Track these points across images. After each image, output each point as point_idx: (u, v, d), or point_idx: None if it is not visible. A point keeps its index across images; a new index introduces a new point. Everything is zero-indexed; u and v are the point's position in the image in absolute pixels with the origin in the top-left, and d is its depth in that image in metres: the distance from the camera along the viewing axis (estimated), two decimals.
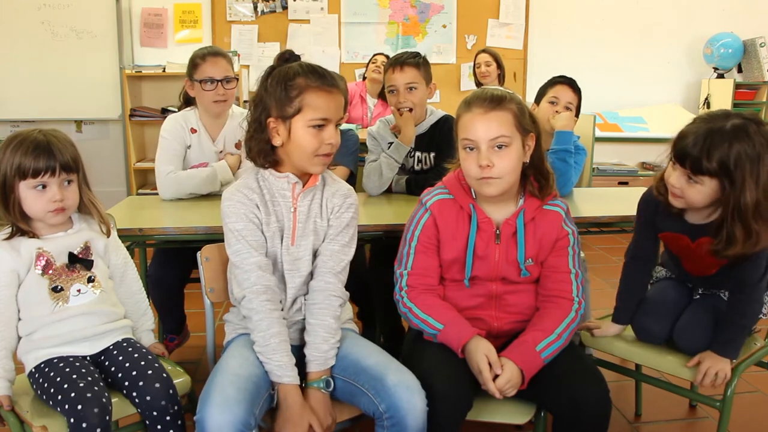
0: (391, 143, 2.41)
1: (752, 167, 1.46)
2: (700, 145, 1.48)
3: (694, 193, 1.54)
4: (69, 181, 1.50)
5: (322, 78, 1.49)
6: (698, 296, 1.81)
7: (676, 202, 1.60)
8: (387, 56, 4.21)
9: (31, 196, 1.46)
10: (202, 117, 2.44)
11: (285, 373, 1.43)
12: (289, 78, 1.49)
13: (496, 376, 1.47)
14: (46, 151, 1.44)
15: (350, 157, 2.58)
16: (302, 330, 1.57)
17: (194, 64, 2.37)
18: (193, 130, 2.42)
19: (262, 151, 1.54)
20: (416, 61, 2.38)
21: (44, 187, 1.46)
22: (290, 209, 1.56)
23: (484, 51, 4.38)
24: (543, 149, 1.63)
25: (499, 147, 1.51)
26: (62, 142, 1.48)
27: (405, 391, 1.39)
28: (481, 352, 1.48)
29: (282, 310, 1.54)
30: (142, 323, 1.70)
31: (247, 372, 1.42)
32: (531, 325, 1.58)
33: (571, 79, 2.49)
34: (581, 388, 1.46)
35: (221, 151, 2.45)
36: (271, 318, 1.48)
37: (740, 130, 1.47)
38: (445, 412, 1.41)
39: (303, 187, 1.57)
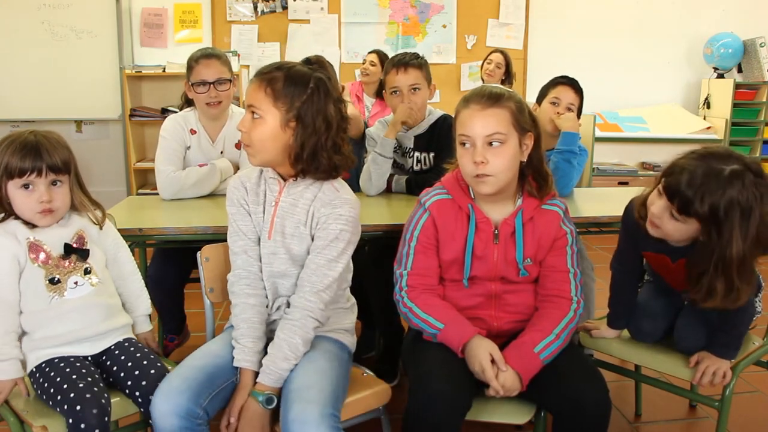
0: None
1: (742, 219, 1.38)
2: (696, 188, 1.40)
3: (673, 230, 1.50)
4: (58, 182, 1.49)
5: None
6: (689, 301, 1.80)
7: (652, 231, 1.55)
8: (379, 53, 4.19)
9: (19, 196, 1.47)
10: (201, 118, 2.44)
11: (244, 357, 1.48)
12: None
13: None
14: (33, 152, 1.44)
15: (355, 147, 2.57)
16: None
17: (189, 66, 2.38)
18: (193, 131, 2.42)
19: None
20: (419, 62, 2.37)
21: (31, 187, 1.46)
22: (272, 203, 1.57)
23: (501, 52, 4.37)
24: (543, 150, 1.63)
25: (494, 144, 1.51)
26: (53, 144, 1.48)
27: (299, 426, 1.32)
28: (484, 350, 1.48)
29: (267, 298, 1.58)
30: (137, 306, 1.68)
31: (202, 363, 1.47)
32: (529, 325, 1.58)
33: (572, 79, 2.48)
34: (581, 388, 1.46)
35: (222, 152, 2.45)
36: (246, 303, 1.54)
37: (737, 177, 1.38)
38: (443, 412, 1.41)
39: (285, 182, 1.56)
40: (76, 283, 1.52)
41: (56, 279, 1.50)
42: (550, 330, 1.54)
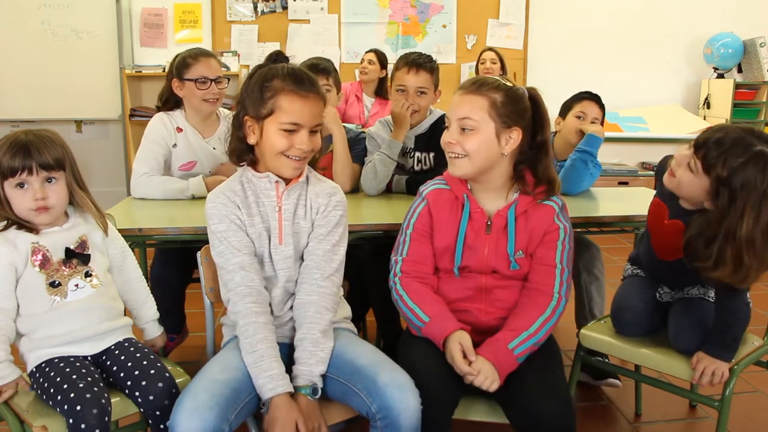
0: None
1: (756, 200, 1.42)
2: (723, 147, 1.45)
3: (686, 181, 1.54)
4: (52, 179, 1.49)
5: (299, 82, 1.49)
6: (663, 292, 1.83)
7: (667, 180, 1.61)
8: (377, 52, 4.25)
9: (15, 195, 1.47)
10: (190, 117, 2.45)
11: (277, 383, 1.39)
12: (267, 79, 1.50)
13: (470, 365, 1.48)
14: (23, 150, 1.44)
15: (357, 149, 2.58)
16: (294, 328, 1.56)
17: (186, 63, 2.39)
18: (179, 129, 2.43)
19: (237, 148, 1.57)
20: (431, 66, 2.41)
21: (25, 186, 1.46)
22: (275, 208, 1.56)
23: (490, 49, 4.46)
24: (554, 157, 1.63)
25: (464, 129, 1.55)
26: (43, 142, 1.47)
27: (396, 390, 1.37)
28: (455, 342, 1.49)
29: (272, 312, 1.53)
30: (144, 312, 1.71)
31: (226, 377, 1.39)
32: (506, 323, 1.57)
33: (596, 95, 2.57)
34: (539, 401, 1.43)
35: (215, 148, 2.46)
36: (257, 323, 1.45)
37: (762, 158, 1.42)
38: (431, 408, 1.41)
39: (287, 185, 1.57)
40: (76, 285, 1.52)
41: (57, 282, 1.50)
42: (526, 327, 1.53)
